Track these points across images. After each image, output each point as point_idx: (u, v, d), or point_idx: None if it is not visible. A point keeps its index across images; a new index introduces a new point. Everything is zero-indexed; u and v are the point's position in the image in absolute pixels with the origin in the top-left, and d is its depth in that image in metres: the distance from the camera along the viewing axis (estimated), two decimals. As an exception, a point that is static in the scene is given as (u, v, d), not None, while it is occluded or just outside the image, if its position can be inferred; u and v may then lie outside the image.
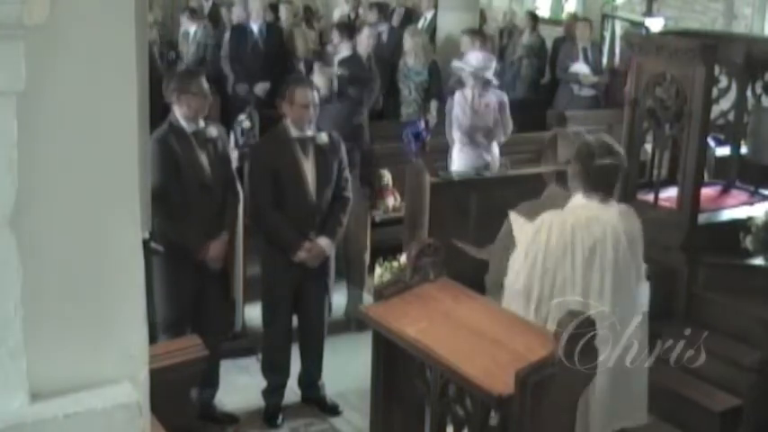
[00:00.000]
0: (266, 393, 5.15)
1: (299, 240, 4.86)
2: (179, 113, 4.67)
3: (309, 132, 4.91)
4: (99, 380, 1.75)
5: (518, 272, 3.94)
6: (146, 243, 1.87)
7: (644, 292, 4.16)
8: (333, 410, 5.18)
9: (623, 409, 4.04)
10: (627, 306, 3.98)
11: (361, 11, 12.50)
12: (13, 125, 1.56)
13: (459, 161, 7.16)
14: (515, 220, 4.32)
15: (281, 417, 5.09)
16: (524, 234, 4.03)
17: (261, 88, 9.17)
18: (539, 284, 3.89)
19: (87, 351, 1.75)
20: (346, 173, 5.14)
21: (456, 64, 7.39)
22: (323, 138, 4.94)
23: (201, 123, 4.74)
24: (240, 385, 5.24)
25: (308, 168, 4.88)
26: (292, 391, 5.26)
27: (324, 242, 4.92)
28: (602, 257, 3.88)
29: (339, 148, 5.08)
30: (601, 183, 3.96)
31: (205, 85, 4.76)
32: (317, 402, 5.23)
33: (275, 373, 5.13)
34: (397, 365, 3.46)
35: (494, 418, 3.05)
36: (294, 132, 4.88)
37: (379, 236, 6.73)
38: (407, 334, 3.26)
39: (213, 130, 4.83)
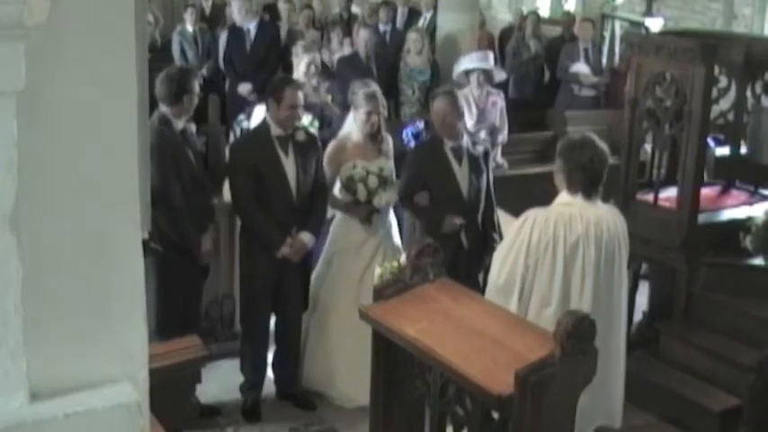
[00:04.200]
0: (244, 389, 5.18)
1: (281, 237, 4.91)
2: (169, 111, 4.72)
3: (289, 130, 4.98)
4: (99, 380, 1.75)
5: (500, 267, 3.96)
6: (146, 243, 1.87)
7: (625, 293, 4.16)
8: (308, 406, 5.21)
9: (599, 410, 4.05)
10: (607, 307, 3.98)
11: (355, 9, 12.48)
12: (13, 125, 1.55)
13: None
14: (504, 217, 4.37)
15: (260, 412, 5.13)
16: (509, 230, 4.07)
17: (245, 89, 9.13)
18: (520, 281, 3.91)
19: (87, 351, 1.74)
20: (323, 167, 5.23)
21: (458, 69, 7.47)
22: (301, 135, 5.02)
23: (185, 121, 4.83)
24: (239, 385, 5.23)
25: (289, 166, 4.94)
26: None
27: (305, 236, 4.97)
28: (585, 257, 3.90)
29: (316, 142, 5.21)
30: (583, 179, 3.96)
31: (198, 85, 4.87)
32: (292, 398, 5.25)
33: (255, 369, 5.16)
34: (397, 365, 3.46)
35: (494, 419, 3.06)
36: (275, 131, 4.94)
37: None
38: (407, 334, 3.26)
39: (193, 126, 5.00)
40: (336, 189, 5.33)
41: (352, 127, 5.31)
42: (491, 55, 7.49)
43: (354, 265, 5.23)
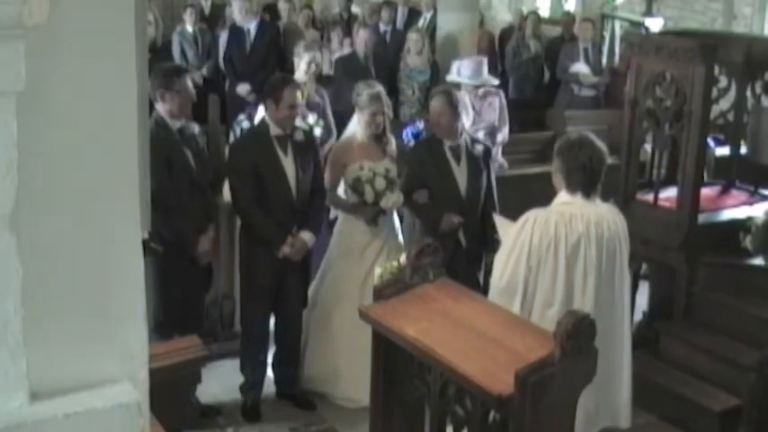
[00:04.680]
0: (244, 389, 5.18)
1: (281, 236, 4.91)
2: (163, 111, 4.72)
3: (288, 130, 4.97)
4: (99, 380, 1.75)
5: (503, 269, 3.96)
6: (146, 243, 1.87)
7: (627, 292, 4.16)
8: (308, 406, 5.21)
9: (603, 410, 4.04)
10: (609, 307, 3.98)
11: (355, 9, 12.49)
12: (13, 125, 1.55)
13: None
14: (499, 220, 4.37)
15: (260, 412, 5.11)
16: (509, 232, 4.06)
17: (243, 89, 9.13)
18: (523, 283, 3.90)
19: (87, 351, 1.74)
20: (323, 166, 5.27)
21: (450, 75, 7.47)
22: (299, 134, 5.03)
23: (183, 120, 4.81)
24: (239, 385, 5.23)
25: (288, 165, 4.93)
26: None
27: (306, 236, 4.97)
28: (586, 256, 3.89)
29: (314, 142, 5.25)
30: (583, 178, 3.96)
31: (189, 83, 4.83)
32: (292, 398, 5.24)
33: (255, 369, 5.15)
34: (397, 365, 3.46)
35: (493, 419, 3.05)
36: (274, 130, 4.94)
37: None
38: (407, 334, 3.26)
39: (195, 127, 4.94)
40: (341, 190, 5.32)
41: (357, 128, 5.31)
42: (485, 67, 7.42)
43: (358, 266, 5.24)
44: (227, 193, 5.29)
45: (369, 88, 5.32)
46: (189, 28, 10.17)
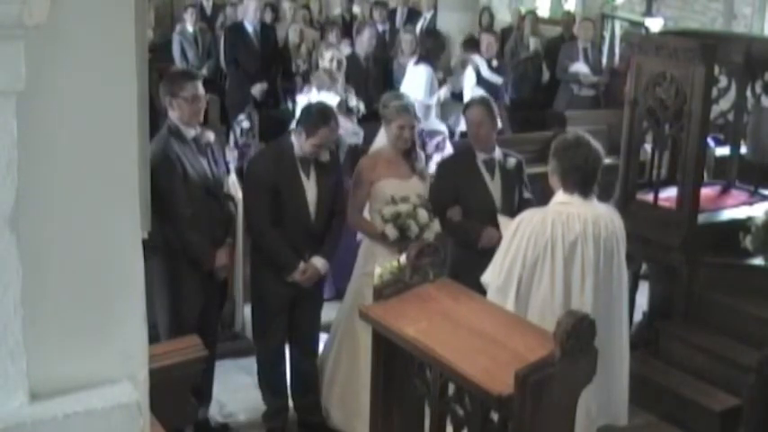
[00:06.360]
0: (267, 417, 4.96)
1: (294, 261, 4.66)
2: (175, 117, 4.46)
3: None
4: (99, 380, 1.75)
5: (500, 269, 3.96)
6: (146, 243, 1.87)
7: (625, 292, 4.16)
8: None
9: (602, 409, 4.04)
10: (608, 306, 3.98)
11: (357, 9, 12.50)
12: (13, 125, 1.55)
13: None
14: (502, 220, 4.37)
15: None
16: (506, 231, 4.06)
17: (258, 89, 9.16)
18: (517, 282, 3.90)
19: (87, 351, 1.74)
20: (342, 188, 4.95)
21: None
22: (325, 155, 4.72)
23: (198, 128, 4.56)
24: (240, 385, 5.23)
25: (310, 189, 4.68)
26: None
27: (319, 262, 4.72)
28: (584, 255, 3.89)
29: (338, 164, 4.92)
30: (578, 178, 3.96)
31: (200, 88, 4.52)
32: (315, 428, 4.94)
33: (274, 395, 4.93)
34: (396, 365, 3.45)
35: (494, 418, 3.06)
36: (298, 151, 4.65)
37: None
38: (407, 334, 3.25)
39: (210, 135, 4.66)
40: (366, 212, 4.95)
41: (384, 142, 4.99)
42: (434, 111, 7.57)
43: None
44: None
45: (396, 99, 5.01)
46: (189, 28, 10.18)
